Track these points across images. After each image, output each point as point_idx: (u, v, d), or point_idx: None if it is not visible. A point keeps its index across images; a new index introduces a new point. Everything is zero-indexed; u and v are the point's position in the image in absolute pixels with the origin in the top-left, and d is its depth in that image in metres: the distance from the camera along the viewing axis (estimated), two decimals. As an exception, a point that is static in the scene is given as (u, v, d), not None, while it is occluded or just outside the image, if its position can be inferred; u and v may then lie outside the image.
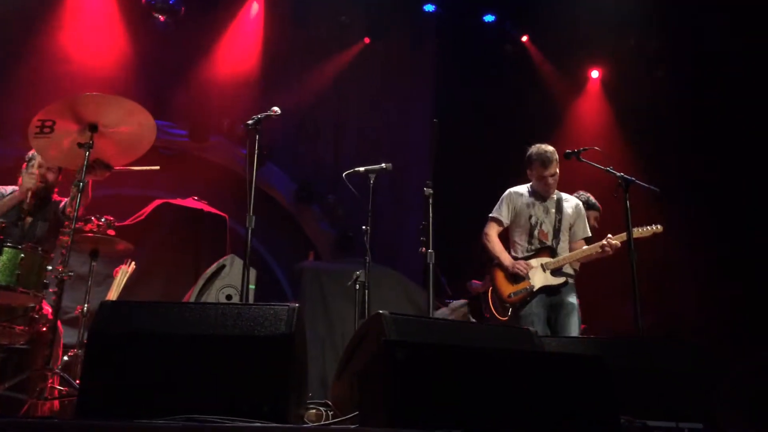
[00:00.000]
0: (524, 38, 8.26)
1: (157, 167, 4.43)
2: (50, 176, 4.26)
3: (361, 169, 4.48)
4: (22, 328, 3.60)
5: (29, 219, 4.26)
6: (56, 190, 4.38)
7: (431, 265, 4.06)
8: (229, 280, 4.96)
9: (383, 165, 4.45)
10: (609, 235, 4.44)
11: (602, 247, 4.41)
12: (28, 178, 4.19)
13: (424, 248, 4.18)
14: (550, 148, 4.60)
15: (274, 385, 2.43)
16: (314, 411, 3.18)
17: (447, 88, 8.12)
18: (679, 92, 7.27)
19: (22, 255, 3.46)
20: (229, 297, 4.97)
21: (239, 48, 7.84)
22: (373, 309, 4.16)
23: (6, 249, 3.43)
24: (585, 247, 4.54)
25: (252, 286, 4.74)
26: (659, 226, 4.48)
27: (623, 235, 4.29)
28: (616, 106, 7.93)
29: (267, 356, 2.48)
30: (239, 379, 2.43)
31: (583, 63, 8.13)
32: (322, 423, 2.97)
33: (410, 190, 7.50)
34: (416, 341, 2.49)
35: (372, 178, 4.39)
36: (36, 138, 3.58)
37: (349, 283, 4.60)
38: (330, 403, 3.25)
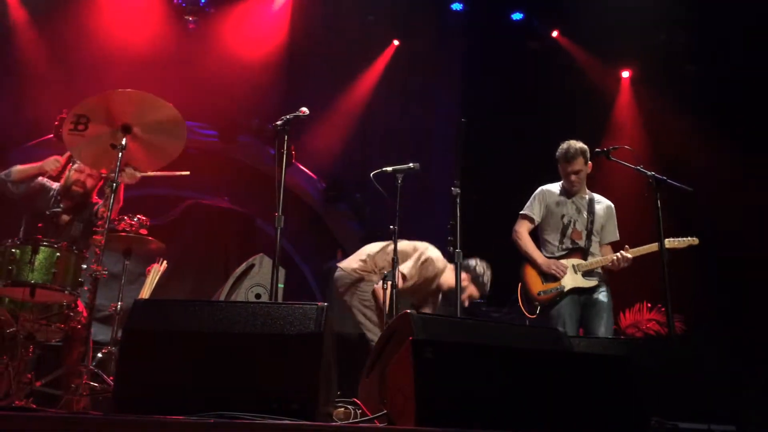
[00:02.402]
0: (554, 33, 8.17)
1: (187, 172, 4.50)
2: (90, 182, 4.35)
3: (389, 169, 4.48)
4: (57, 325, 3.69)
5: (66, 218, 4.36)
6: (95, 193, 4.48)
7: (458, 265, 4.06)
8: (258, 279, 5.02)
9: (411, 165, 4.45)
10: (626, 246, 4.38)
11: (612, 261, 4.36)
12: (53, 164, 4.31)
13: (451, 248, 4.18)
14: (578, 144, 4.54)
15: (303, 383, 2.46)
16: (342, 409, 3.20)
17: (474, 88, 8.09)
18: (710, 89, 7.14)
19: (58, 254, 3.54)
20: (258, 296, 5.03)
21: (266, 47, 7.90)
22: (400, 308, 4.17)
23: (42, 248, 3.52)
24: (607, 256, 4.49)
25: (281, 285, 4.78)
26: (695, 239, 4.38)
27: (644, 248, 4.26)
28: (647, 104, 7.82)
29: (296, 354, 2.51)
30: (269, 377, 2.47)
31: (613, 61, 8.03)
32: (351, 421, 2.99)
33: (437, 189, 7.49)
34: (444, 340, 2.50)
35: (400, 177, 4.40)
36: (70, 134, 3.62)
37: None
38: (358, 401, 3.27)
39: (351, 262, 4.76)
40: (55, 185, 4.44)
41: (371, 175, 4.58)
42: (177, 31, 7.50)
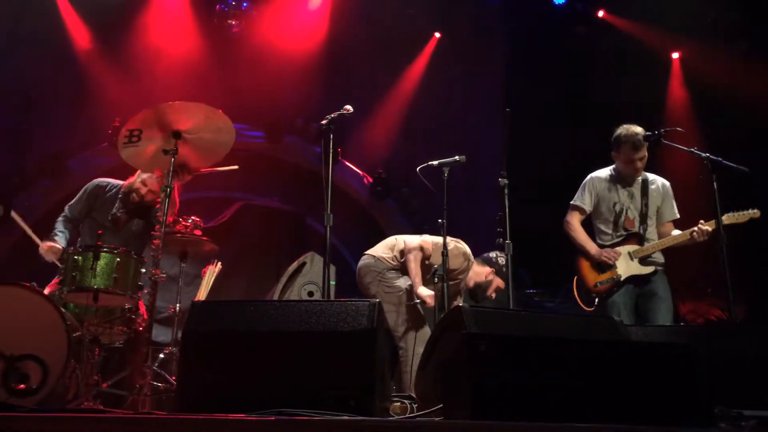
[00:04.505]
0: (600, 13, 7.97)
1: (236, 167, 4.58)
2: (149, 196, 4.47)
3: (435, 162, 4.47)
4: (120, 328, 3.81)
5: (125, 218, 4.48)
6: (158, 199, 4.59)
7: (509, 257, 4.03)
8: (310, 277, 5.10)
9: (457, 157, 4.43)
10: (701, 221, 4.21)
11: (692, 233, 4.21)
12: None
13: (501, 239, 4.15)
14: (639, 129, 4.40)
15: (359, 379, 2.49)
16: (399, 404, 3.22)
17: (519, 77, 7.98)
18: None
19: (118, 259, 3.66)
20: (310, 293, 5.11)
21: (307, 46, 7.97)
22: (451, 301, 4.18)
23: (103, 254, 3.64)
24: (674, 232, 4.36)
25: (332, 282, 4.84)
26: (756, 211, 4.18)
27: (733, 216, 4.11)
28: (697, 85, 7.57)
29: (351, 351, 2.54)
30: (325, 374, 2.51)
31: (661, 43, 7.80)
32: (408, 416, 3.01)
33: (483, 181, 7.44)
34: (497, 333, 2.49)
35: (446, 171, 4.38)
36: (125, 147, 3.78)
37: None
38: (414, 395, 3.29)
39: (377, 250, 4.71)
40: (118, 183, 4.56)
41: (417, 169, 4.58)
42: (220, 36, 7.64)
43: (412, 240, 4.61)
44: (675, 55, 7.91)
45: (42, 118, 6.94)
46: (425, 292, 4.38)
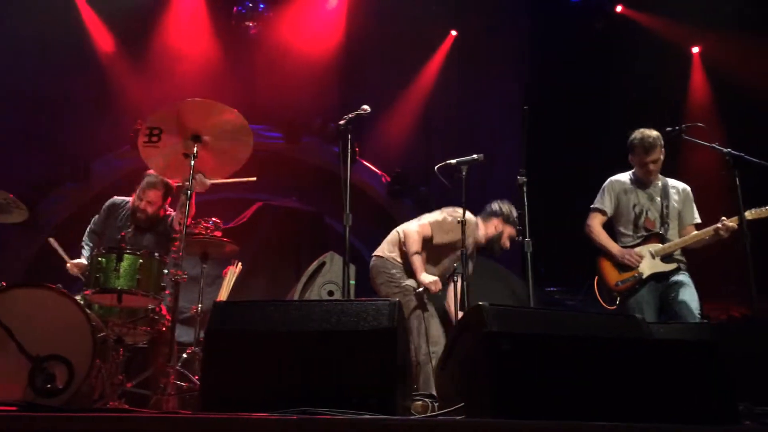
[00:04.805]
0: (618, 8, 7.91)
1: (254, 178, 4.61)
2: (150, 209, 4.51)
3: (453, 161, 4.46)
4: (144, 328, 3.86)
5: (137, 230, 4.54)
6: (164, 208, 4.64)
7: (529, 255, 4.02)
8: (330, 277, 5.12)
9: (475, 156, 4.41)
10: (723, 218, 4.16)
11: (716, 230, 4.16)
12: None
13: (520, 237, 4.14)
14: (654, 133, 4.39)
15: (380, 378, 2.50)
16: (420, 402, 3.23)
17: (536, 74, 7.94)
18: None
19: (141, 261, 3.71)
20: (330, 293, 5.13)
21: (324, 46, 8.01)
22: (471, 300, 4.16)
23: (126, 255, 3.69)
24: (696, 231, 4.33)
25: (352, 282, 4.86)
26: None
27: (756, 211, 4.05)
28: (719, 80, 7.47)
29: (371, 350, 2.55)
30: (346, 373, 2.52)
31: (681, 37, 7.71)
32: (429, 414, 3.02)
33: (502, 179, 7.42)
34: (518, 332, 2.49)
35: (464, 169, 4.37)
36: (145, 146, 3.82)
37: (448, 275, 4.62)
38: (435, 394, 3.30)
39: (383, 249, 4.63)
40: (129, 200, 4.64)
41: (435, 168, 4.57)
42: (238, 39, 7.71)
43: (410, 227, 4.54)
44: (695, 50, 7.82)
45: (65, 121, 7.05)
46: (427, 278, 4.33)
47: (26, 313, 3.15)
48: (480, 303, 2.58)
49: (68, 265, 4.50)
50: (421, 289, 4.33)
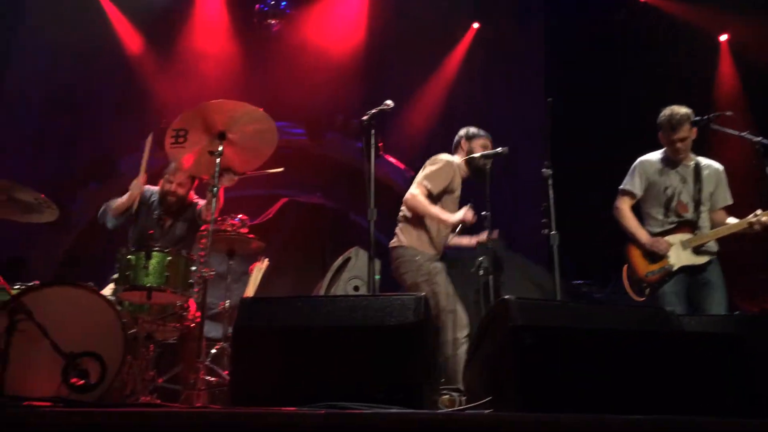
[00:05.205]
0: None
1: (281, 169, 4.65)
2: (180, 190, 4.59)
3: (477, 154, 4.46)
4: (173, 324, 3.92)
5: (169, 220, 4.62)
6: (191, 194, 4.72)
7: (555, 247, 3.99)
8: (355, 272, 5.14)
9: (499, 149, 4.40)
10: (758, 211, 4.05)
11: (750, 224, 4.08)
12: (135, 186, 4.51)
13: (546, 230, 4.11)
14: (683, 109, 4.27)
15: (407, 373, 2.51)
16: (447, 397, 3.24)
17: (558, 65, 7.86)
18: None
19: (169, 258, 3.76)
20: (356, 288, 5.15)
21: (346, 42, 8.02)
22: (499, 294, 4.15)
23: (155, 253, 3.74)
24: (729, 220, 4.23)
25: (377, 277, 4.86)
26: None
27: None
28: (748, 67, 7.31)
29: (397, 345, 2.56)
30: (373, 368, 2.53)
31: (708, 24, 7.56)
32: (456, 408, 3.02)
33: (526, 171, 7.36)
34: (544, 325, 2.48)
35: (488, 163, 4.36)
36: (172, 148, 3.88)
37: (473, 269, 4.61)
38: (462, 388, 3.30)
39: (402, 238, 4.49)
40: (155, 189, 4.71)
41: (460, 162, 4.56)
42: (260, 36, 7.75)
43: (409, 196, 4.41)
44: (723, 37, 7.66)
45: (91, 121, 7.16)
46: (456, 216, 4.24)
47: (59, 311, 3.21)
48: (506, 297, 2.57)
49: (138, 182, 4.44)
50: (454, 236, 4.29)
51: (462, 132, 4.70)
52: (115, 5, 7.41)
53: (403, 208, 4.53)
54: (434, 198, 4.38)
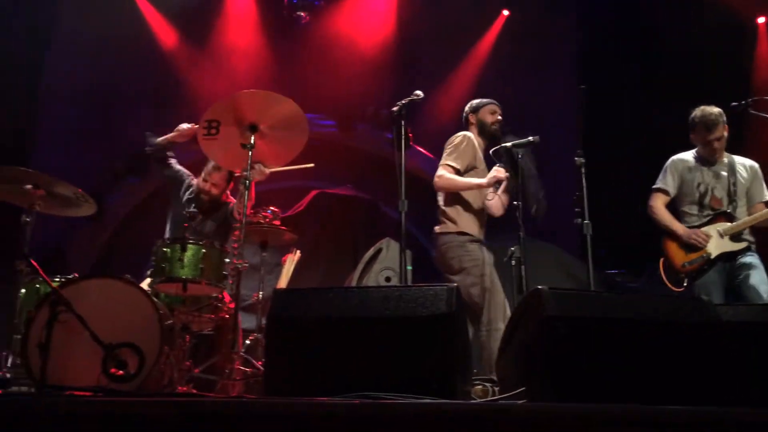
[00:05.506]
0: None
1: (312, 165, 4.67)
2: (215, 190, 4.66)
3: (508, 144, 4.41)
4: (209, 316, 3.98)
5: (200, 217, 4.69)
6: (226, 195, 4.78)
7: (589, 237, 3.95)
8: (387, 263, 5.15)
9: (531, 138, 4.35)
10: None
11: None
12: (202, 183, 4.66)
13: (579, 219, 4.07)
14: (715, 109, 4.25)
15: (439, 363, 2.51)
16: (480, 387, 3.23)
17: (591, 52, 7.73)
18: None
19: (204, 250, 3.82)
20: (388, 279, 5.16)
21: (375, 33, 8.01)
22: (530, 284, 4.11)
23: (190, 245, 3.80)
24: (766, 210, 4.17)
25: (409, 267, 4.87)
26: None
27: None
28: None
29: (430, 335, 2.56)
30: (405, 358, 2.54)
31: (744, 7, 7.36)
32: (490, 399, 3.02)
33: (558, 160, 7.28)
34: (577, 315, 2.46)
35: (519, 152, 4.32)
36: (205, 139, 3.93)
37: (505, 259, 4.57)
38: (495, 378, 3.28)
39: (447, 225, 4.41)
40: (195, 182, 4.78)
41: (490, 151, 4.53)
42: (289, 28, 7.79)
43: (437, 179, 4.38)
44: (761, 20, 7.46)
45: (128, 116, 7.28)
46: (488, 176, 4.22)
47: (97, 303, 3.28)
48: (539, 287, 2.55)
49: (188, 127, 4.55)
50: (491, 195, 4.30)
51: (466, 108, 4.69)
52: (148, 1, 7.51)
53: (438, 195, 4.50)
54: (461, 175, 4.36)
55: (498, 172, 4.22)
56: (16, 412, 1.88)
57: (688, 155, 4.42)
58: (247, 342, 4.38)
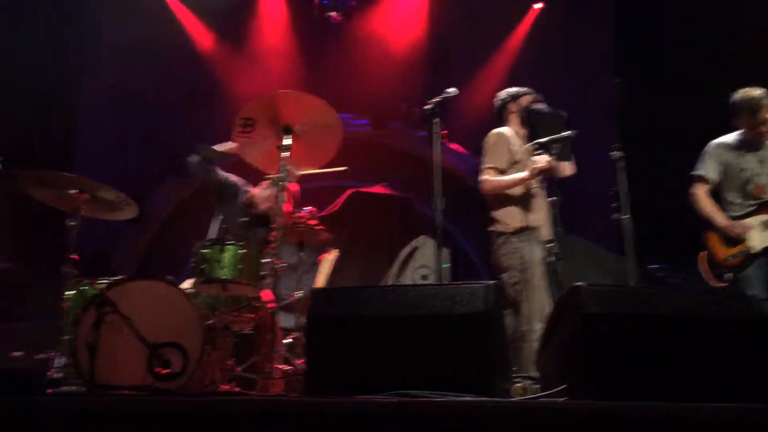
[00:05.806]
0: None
1: (345, 168, 4.69)
2: (263, 206, 4.70)
3: (544, 139, 4.37)
4: (249, 315, 4.04)
5: (249, 222, 4.74)
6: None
7: (627, 232, 3.89)
8: (423, 261, 5.16)
9: (567, 133, 4.30)
10: None
11: None
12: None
13: (617, 214, 4.01)
14: (757, 91, 4.12)
15: (477, 361, 2.51)
16: (520, 385, 3.22)
17: (626, 43, 7.59)
18: None
19: (242, 251, 3.88)
20: (424, 277, 5.17)
21: (407, 30, 8.00)
22: (568, 281, 4.07)
23: (228, 246, 3.87)
24: None
25: (446, 265, 4.86)
26: None
27: None
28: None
29: (467, 333, 2.56)
30: (443, 357, 2.55)
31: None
32: (530, 396, 3.01)
33: (594, 155, 7.18)
34: (617, 312, 2.43)
35: (555, 147, 4.27)
36: (239, 135, 3.96)
37: (543, 255, 4.54)
38: (535, 376, 3.27)
39: (498, 225, 4.37)
40: (249, 190, 4.84)
41: (525, 147, 4.50)
42: (321, 28, 7.83)
43: (481, 182, 4.39)
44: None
45: (166, 119, 7.41)
46: (531, 168, 4.16)
47: (141, 304, 3.37)
48: (578, 284, 2.53)
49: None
50: (535, 183, 4.27)
51: (502, 96, 4.66)
52: (183, 4, 7.64)
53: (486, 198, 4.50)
54: (505, 173, 4.34)
55: (538, 161, 4.15)
56: (70, 410, 1.95)
57: (731, 138, 4.27)
58: (287, 341, 4.43)
